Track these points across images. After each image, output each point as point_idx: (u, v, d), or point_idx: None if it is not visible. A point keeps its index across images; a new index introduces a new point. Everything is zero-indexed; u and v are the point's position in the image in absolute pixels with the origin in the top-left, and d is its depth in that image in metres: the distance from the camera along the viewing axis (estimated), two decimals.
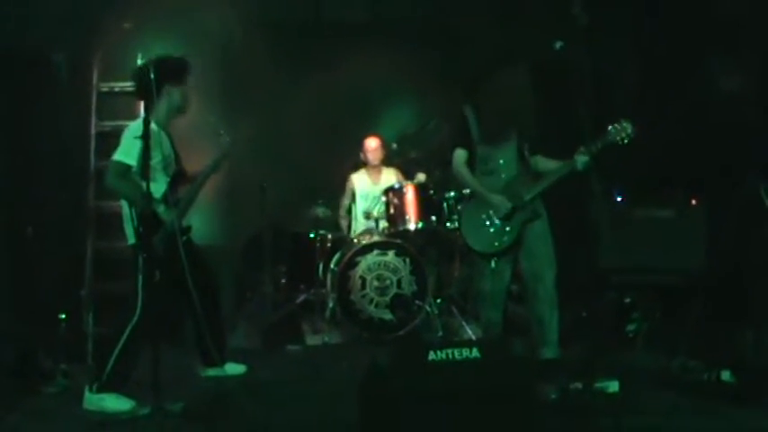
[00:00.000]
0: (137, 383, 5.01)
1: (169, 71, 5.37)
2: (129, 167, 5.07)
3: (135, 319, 5.07)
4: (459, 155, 5.59)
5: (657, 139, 6.69)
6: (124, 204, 5.23)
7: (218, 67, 7.85)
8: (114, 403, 5.00)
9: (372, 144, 8.17)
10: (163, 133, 5.36)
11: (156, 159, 5.13)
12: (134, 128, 5.12)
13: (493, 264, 5.44)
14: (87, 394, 5.06)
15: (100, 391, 5.03)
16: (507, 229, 5.38)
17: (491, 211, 5.44)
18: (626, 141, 5.17)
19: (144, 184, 4.76)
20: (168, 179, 5.35)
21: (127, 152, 5.07)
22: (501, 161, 5.48)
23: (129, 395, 5.03)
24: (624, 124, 5.17)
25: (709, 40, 6.99)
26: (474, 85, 5.64)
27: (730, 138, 6.37)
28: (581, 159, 5.16)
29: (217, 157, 5.59)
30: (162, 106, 5.40)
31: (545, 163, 5.53)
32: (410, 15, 8.88)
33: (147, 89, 5.12)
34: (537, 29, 7.72)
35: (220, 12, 8.19)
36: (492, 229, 5.42)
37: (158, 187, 5.19)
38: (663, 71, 7.43)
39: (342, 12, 8.76)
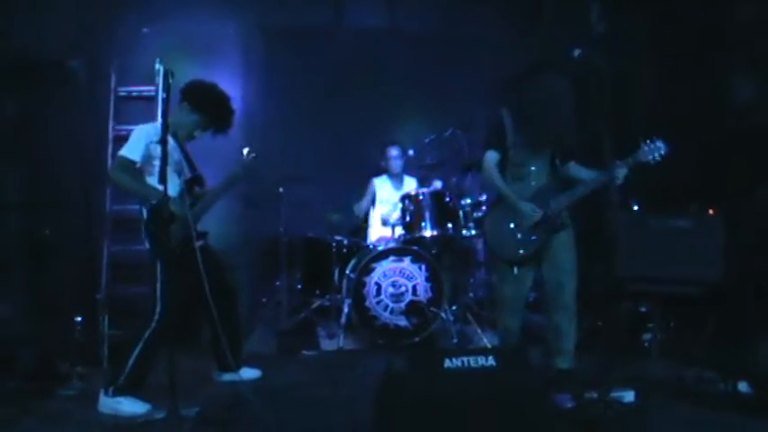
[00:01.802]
0: (152, 387, 5.03)
1: (213, 114, 5.60)
2: (132, 163, 5.22)
3: (154, 323, 5.10)
4: (492, 156, 5.51)
5: (675, 147, 6.67)
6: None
7: (237, 72, 7.88)
8: (130, 407, 5.01)
9: (394, 152, 8.22)
10: (173, 141, 5.46)
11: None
12: (143, 129, 5.34)
13: (516, 270, 5.41)
14: (102, 397, 5.07)
15: (116, 394, 5.04)
16: (533, 237, 5.33)
17: (518, 219, 5.40)
18: (657, 160, 5.15)
19: (155, 184, 4.94)
20: (180, 182, 5.43)
21: (132, 149, 5.23)
22: (533, 168, 5.41)
23: (144, 399, 5.05)
24: (658, 143, 5.15)
25: (724, 49, 6.97)
26: (514, 88, 5.58)
27: (748, 147, 6.34)
28: (620, 173, 5.13)
29: (236, 173, 5.70)
30: (185, 122, 5.57)
31: (578, 170, 5.48)
32: (428, 23, 8.88)
33: (191, 100, 5.52)
34: (555, 36, 7.73)
35: (239, 17, 8.22)
36: (519, 235, 5.38)
37: (171, 189, 5.30)
38: (681, 79, 7.42)
39: (361, 19, 8.77)
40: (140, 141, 5.26)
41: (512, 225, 5.41)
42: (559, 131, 5.29)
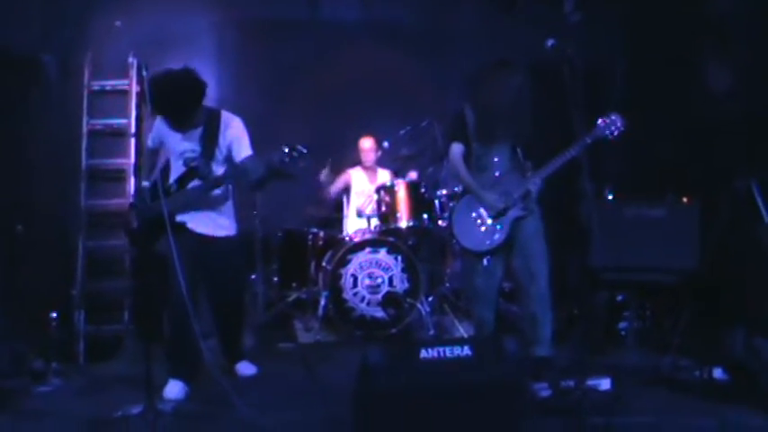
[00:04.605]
0: (128, 382, 5.02)
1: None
2: (149, 149, 5.79)
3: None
4: (457, 149, 5.51)
5: (649, 137, 6.69)
6: None
7: (211, 65, 7.84)
8: (168, 390, 5.22)
9: (366, 144, 8.20)
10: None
11: (168, 147, 5.57)
12: None
13: (485, 262, 5.41)
14: None
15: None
16: (498, 227, 5.33)
17: (482, 210, 5.41)
18: (616, 134, 5.15)
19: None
20: (183, 169, 5.47)
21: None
22: (495, 158, 5.43)
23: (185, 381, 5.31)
24: (614, 117, 5.15)
25: (699, 38, 6.99)
26: (473, 84, 5.59)
27: (721, 135, 6.37)
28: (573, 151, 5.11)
29: (227, 173, 5.59)
30: None
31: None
32: (403, 14, 8.85)
33: None
34: (529, 26, 7.73)
35: (213, 9, 8.17)
36: (483, 228, 5.38)
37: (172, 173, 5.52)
38: (654, 69, 7.44)
39: (336, 11, 8.73)
40: (154, 128, 5.62)
41: (476, 217, 5.41)
42: (516, 129, 5.31)
